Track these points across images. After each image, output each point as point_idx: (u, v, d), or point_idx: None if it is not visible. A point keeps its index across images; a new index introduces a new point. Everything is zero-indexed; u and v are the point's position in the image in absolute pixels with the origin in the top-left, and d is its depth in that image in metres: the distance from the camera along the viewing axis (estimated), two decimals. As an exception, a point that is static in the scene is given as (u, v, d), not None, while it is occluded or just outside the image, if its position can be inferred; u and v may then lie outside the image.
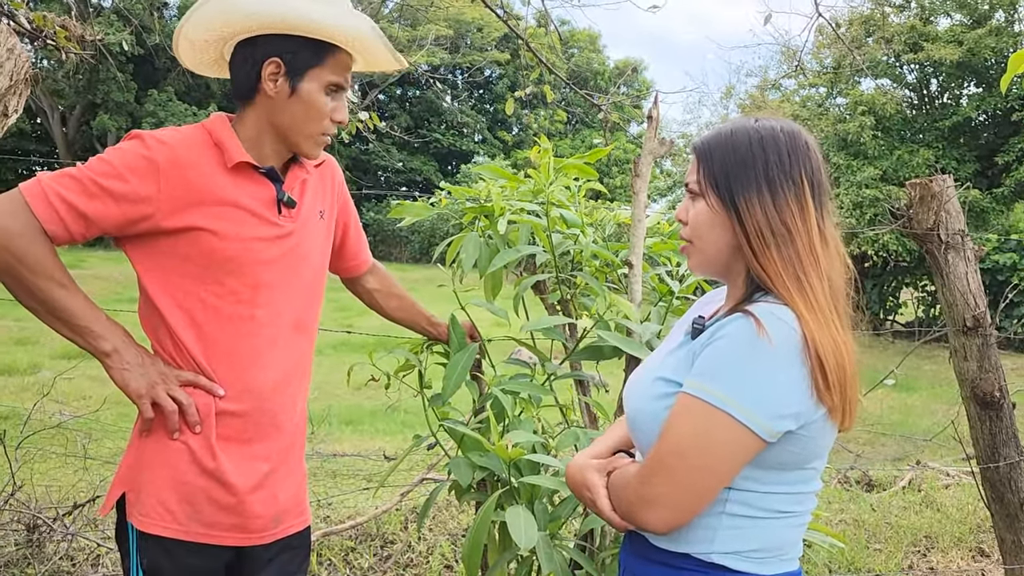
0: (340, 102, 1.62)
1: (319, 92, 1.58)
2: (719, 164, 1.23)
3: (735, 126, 1.26)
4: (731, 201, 1.21)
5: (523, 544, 1.53)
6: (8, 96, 2.05)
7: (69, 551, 3.43)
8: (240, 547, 1.60)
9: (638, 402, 1.26)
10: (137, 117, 28.00)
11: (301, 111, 1.58)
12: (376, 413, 7.21)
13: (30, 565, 3.26)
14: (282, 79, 1.57)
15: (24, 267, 1.44)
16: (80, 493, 3.95)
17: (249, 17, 1.54)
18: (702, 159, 1.25)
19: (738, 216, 1.21)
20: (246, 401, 1.58)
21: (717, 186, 1.22)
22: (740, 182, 1.21)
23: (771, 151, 1.21)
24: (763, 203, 1.19)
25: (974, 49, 17.20)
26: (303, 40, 1.55)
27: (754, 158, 1.21)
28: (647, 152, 1.99)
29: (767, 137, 1.22)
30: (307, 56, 1.56)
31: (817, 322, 1.14)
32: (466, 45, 32.42)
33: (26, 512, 3.47)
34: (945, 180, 2.34)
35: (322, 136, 1.62)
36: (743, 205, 1.20)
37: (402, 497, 4.17)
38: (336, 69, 1.59)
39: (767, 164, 1.21)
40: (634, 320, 1.95)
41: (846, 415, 1.18)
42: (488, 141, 35.24)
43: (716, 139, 1.25)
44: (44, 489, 3.92)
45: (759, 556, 1.21)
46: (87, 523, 3.68)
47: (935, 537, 3.99)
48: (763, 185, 1.20)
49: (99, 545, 3.47)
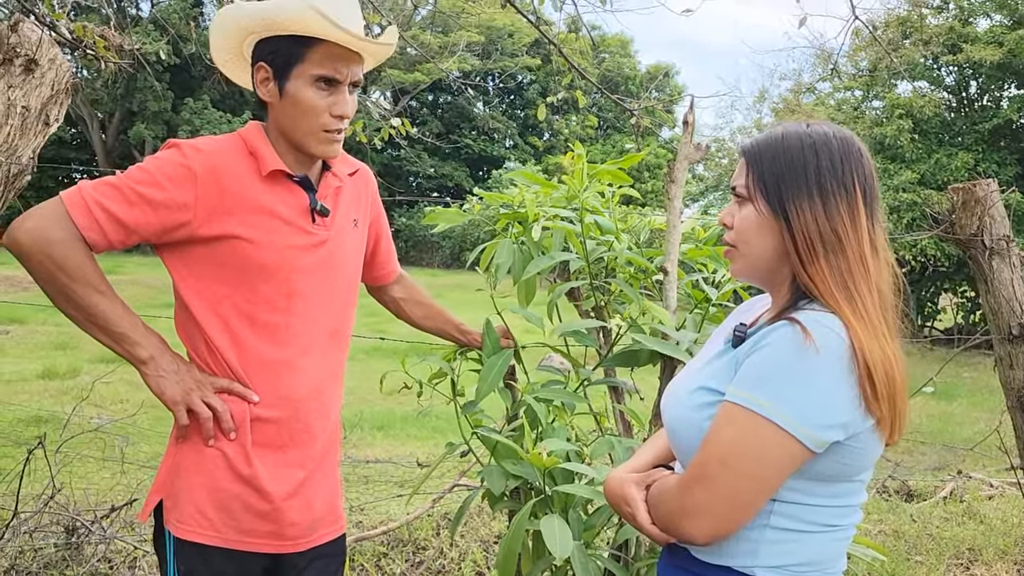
0: (338, 95, 1.59)
1: (307, 88, 1.56)
2: (769, 169, 1.20)
3: (786, 130, 1.23)
4: (780, 207, 1.18)
5: (558, 554, 1.51)
6: (50, 105, 2.08)
7: (107, 553, 3.48)
8: (276, 554, 1.60)
9: (678, 411, 1.24)
10: (173, 125, 28.47)
11: (293, 110, 1.57)
12: (408, 419, 7.23)
13: (68, 567, 3.30)
14: (272, 83, 1.58)
15: (64, 273, 1.46)
16: (118, 496, 4.01)
17: (239, 28, 1.60)
18: (752, 163, 1.22)
19: (787, 222, 1.18)
20: (281, 408, 1.59)
21: (767, 191, 1.20)
22: (791, 188, 1.18)
23: (823, 157, 1.18)
24: (814, 210, 1.17)
25: (1015, 50, 16.87)
26: (282, 39, 1.55)
27: (805, 163, 1.18)
28: (682, 157, 1.97)
29: (819, 142, 1.19)
30: (287, 54, 1.56)
31: (866, 331, 1.11)
32: (497, 51, 32.50)
33: (65, 515, 3.52)
34: (989, 184, 2.28)
35: (324, 133, 1.59)
36: (793, 211, 1.17)
37: (434, 503, 4.17)
38: (320, 62, 1.56)
39: (819, 170, 1.18)
40: (669, 326, 1.92)
41: (895, 428, 1.15)
42: (519, 147, 35.28)
43: (767, 143, 1.22)
44: (82, 492, 3.98)
45: (804, 570, 1.18)
46: (124, 526, 3.73)
47: (978, 549, 3.88)
48: (814, 191, 1.17)
49: (136, 548, 3.51)
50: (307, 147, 1.61)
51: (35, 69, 2.05)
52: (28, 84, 2.04)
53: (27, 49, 2.03)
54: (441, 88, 32.72)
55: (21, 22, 2.07)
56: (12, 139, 2.00)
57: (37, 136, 2.08)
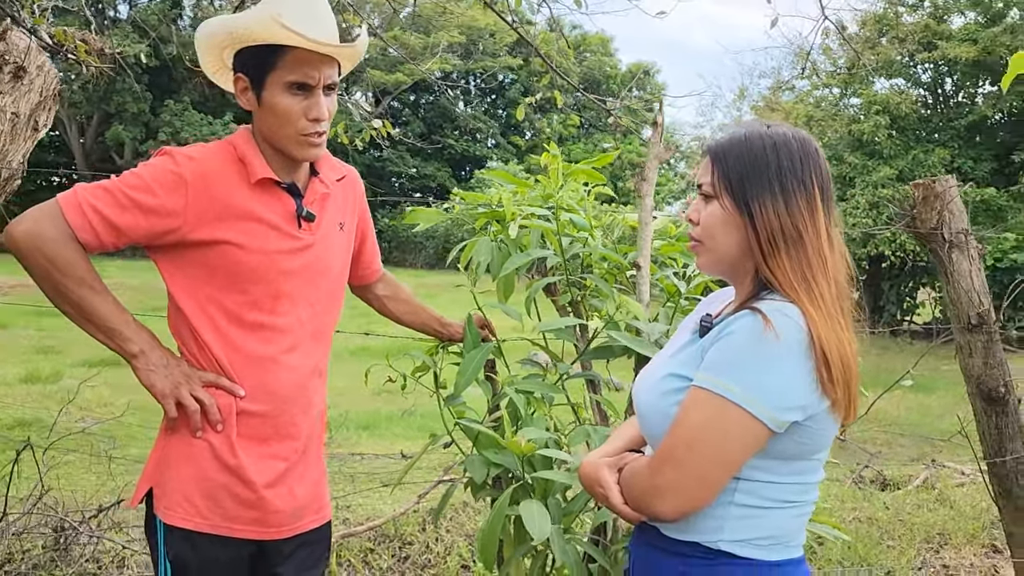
0: (312, 99, 1.63)
1: (282, 95, 1.61)
2: (734, 167, 1.27)
3: (749, 131, 1.30)
4: (744, 204, 1.26)
5: (537, 536, 1.59)
6: (38, 111, 2.14)
7: (95, 554, 3.51)
8: (261, 541, 1.67)
9: (648, 397, 1.31)
10: (153, 127, 28.21)
11: (272, 118, 1.63)
12: (393, 418, 7.27)
13: (57, 567, 3.33)
14: (250, 92, 1.64)
15: (56, 270, 1.53)
16: (105, 497, 4.03)
17: (213, 43, 1.66)
18: (716, 162, 1.29)
19: (751, 218, 1.25)
20: (265, 402, 1.65)
21: (731, 189, 1.27)
22: (754, 186, 1.25)
23: (784, 156, 1.26)
24: (776, 207, 1.24)
25: (989, 47, 17.09)
26: (255, 49, 1.61)
27: (768, 163, 1.25)
28: (653, 157, 2.05)
29: (780, 143, 1.27)
30: (261, 63, 1.61)
31: (823, 320, 1.19)
32: (478, 51, 32.54)
33: (53, 516, 3.55)
34: (948, 180, 2.38)
35: (303, 136, 1.64)
36: (756, 208, 1.25)
37: (419, 499, 4.23)
38: (292, 68, 1.60)
39: (780, 169, 1.25)
40: (643, 320, 2.00)
41: (849, 410, 1.23)
42: (501, 146, 35.30)
43: (730, 143, 1.29)
44: (70, 494, 4.00)
45: (766, 543, 1.25)
46: (112, 526, 3.75)
47: (948, 534, 4.00)
48: (776, 189, 1.24)
49: (124, 547, 3.54)
50: (289, 151, 1.66)
51: (24, 76, 2.10)
52: (17, 91, 2.10)
53: (16, 56, 2.08)
54: (423, 88, 32.70)
55: (9, 30, 2.12)
56: (3, 145, 2.05)
57: (27, 141, 2.14)
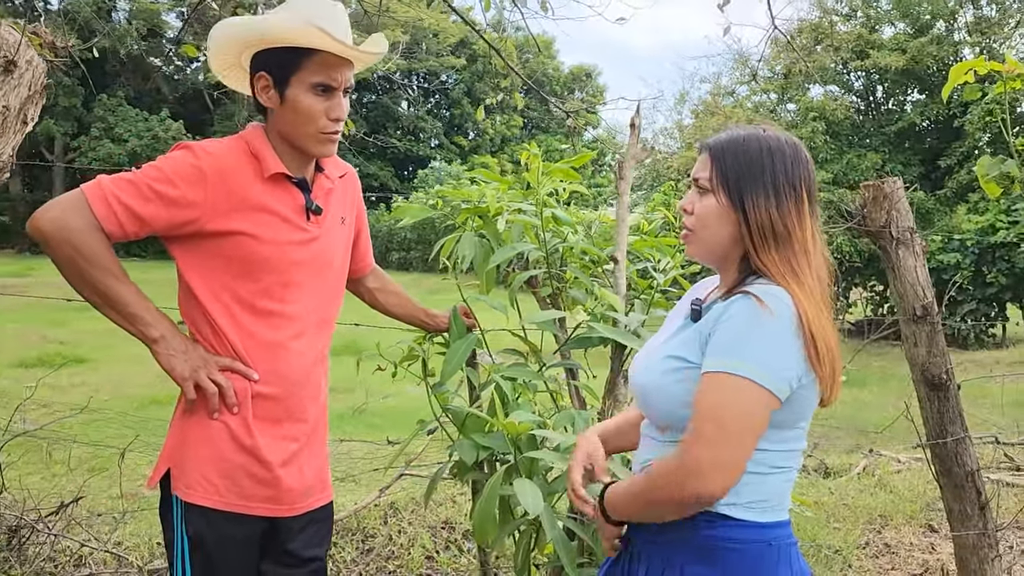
0: (333, 100, 1.73)
1: (306, 95, 1.71)
2: (732, 167, 1.39)
3: (747, 134, 1.42)
4: (739, 201, 1.38)
5: (532, 510, 1.69)
6: (28, 105, 2.16)
7: (51, 553, 3.47)
8: (273, 518, 1.75)
9: (649, 377, 1.42)
10: (85, 122, 27.38)
11: (293, 116, 1.72)
12: (344, 416, 7.29)
13: (12, 567, 3.30)
14: (272, 90, 1.73)
15: (82, 258, 1.59)
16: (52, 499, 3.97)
17: (238, 41, 1.73)
18: (716, 159, 1.41)
19: (744, 214, 1.38)
20: (277, 385, 1.74)
21: (728, 186, 1.39)
22: (749, 185, 1.38)
23: (778, 160, 1.39)
24: (768, 206, 1.37)
25: (917, 57, 17.84)
26: (281, 50, 1.69)
27: (763, 166, 1.38)
28: (631, 156, 2.18)
29: (775, 147, 1.40)
30: (286, 64, 1.70)
31: (810, 304, 1.32)
32: (422, 51, 32.49)
33: (8, 515, 3.50)
34: (896, 182, 2.56)
35: (323, 135, 1.74)
36: (750, 206, 1.37)
37: (381, 493, 4.31)
38: (317, 70, 1.70)
39: (774, 172, 1.38)
40: (620, 310, 2.13)
41: (832, 388, 1.37)
42: (444, 146, 35.31)
43: (730, 143, 1.41)
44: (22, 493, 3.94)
45: (759, 506, 1.37)
46: (68, 524, 3.71)
47: (889, 516, 4.24)
48: (769, 190, 1.37)
49: (82, 545, 3.52)
50: (307, 148, 1.76)
51: (14, 70, 2.12)
52: (7, 85, 2.12)
53: (6, 51, 2.10)
54: (365, 87, 32.51)
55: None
56: (-7, 138, 2.07)
57: (16, 135, 2.16)
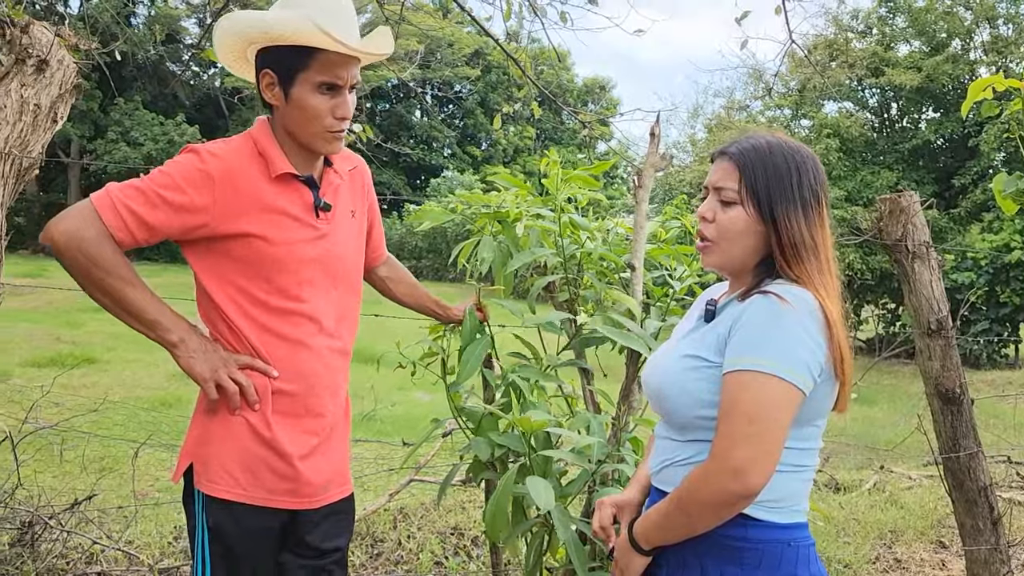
0: (340, 98, 1.72)
1: (311, 93, 1.70)
2: (761, 179, 1.39)
3: (770, 143, 1.42)
4: (770, 215, 1.38)
5: (543, 506, 1.70)
6: (58, 103, 2.21)
7: (63, 550, 3.50)
8: (293, 511, 1.77)
9: (665, 376, 1.44)
10: (102, 126, 27.63)
11: (299, 115, 1.72)
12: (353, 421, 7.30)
13: (24, 563, 3.33)
14: (277, 88, 1.73)
15: (97, 268, 1.61)
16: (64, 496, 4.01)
17: (241, 36, 1.73)
18: (743, 171, 1.40)
19: (775, 228, 1.38)
20: (297, 382, 1.76)
21: (759, 200, 1.39)
22: (779, 198, 1.38)
23: (803, 172, 1.40)
24: (797, 219, 1.38)
25: (932, 75, 17.82)
26: (286, 48, 1.69)
27: (791, 178, 1.39)
28: (650, 165, 2.20)
29: (799, 159, 1.41)
30: (291, 63, 1.69)
31: (833, 305, 1.34)
32: (437, 60, 32.64)
33: (21, 511, 3.53)
34: (912, 196, 2.58)
35: (329, 132, 1.74)
36: (782, 220, 1.38)
37: (390, 497, 4.33)
38: (322, 69, 1.68)
39: (801, 184, 1.39)
40: (638, 316, 2.14)
41: (843, 396, 1.39)
42: (457, 155, 35.44)
43: (756, 154, 1.41)
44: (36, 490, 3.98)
45: (776, 506, 1.37)
46: (81, 521, 3.75)
47: (899, 531, 4.23)
48: (798, 203, 1.38)
49: (94, 543, 3.54)
50: (313, 146, 1.76)
51: (46, 69, 2.17)
52: (39, 83, 2.16)
53: (39, 50, 2.15)
54: (379, 96, 32.68)
55: (32, 24, 2.19)
56: (24, 134, 2.12)
57: (46, 132, 2.20)
